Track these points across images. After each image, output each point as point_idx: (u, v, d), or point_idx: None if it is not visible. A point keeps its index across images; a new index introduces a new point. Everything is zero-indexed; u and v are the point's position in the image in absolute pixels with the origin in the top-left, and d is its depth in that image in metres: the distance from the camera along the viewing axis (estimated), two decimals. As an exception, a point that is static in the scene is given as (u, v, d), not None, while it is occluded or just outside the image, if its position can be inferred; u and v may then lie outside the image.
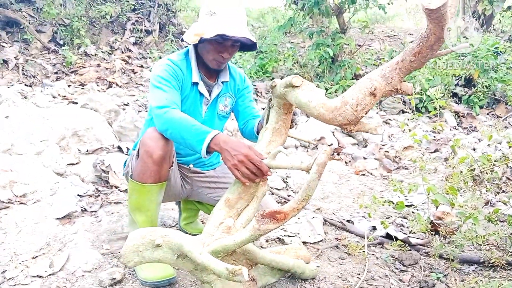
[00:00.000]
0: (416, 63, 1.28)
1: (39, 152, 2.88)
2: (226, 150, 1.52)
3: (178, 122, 1.62)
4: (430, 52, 1.25)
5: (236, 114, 2.12)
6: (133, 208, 1.86)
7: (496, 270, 1.92)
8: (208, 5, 1.79)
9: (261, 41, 7.44)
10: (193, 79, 1.87)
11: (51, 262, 1.91)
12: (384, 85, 1.33)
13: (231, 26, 1.72)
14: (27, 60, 5.66)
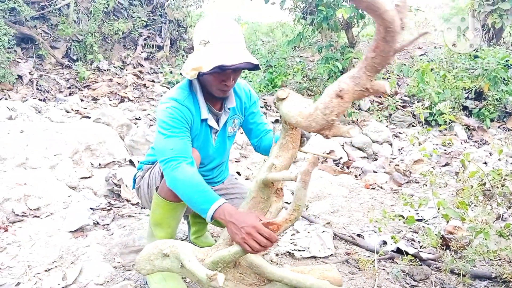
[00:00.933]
0: (378, 58, 1.22)
1: (53, 166, 2.94)
2: (232, 223, 1.48)
3: (183, 185, 1.60)
4: (387, 45, 1.18)
5: (247, 131, 2.10)
6: (155, 223, 1.87)
7: (508, 285, 1.90)
8: (201, 34, 1.67)
9: (270, 56, 7.52)
10: (203, 116, 1.81)
11: (64, 275, 1.94)
12: (353, 85, 1.31)
13: (228, 54, 1.61)
14: (41, 75, 5.79)
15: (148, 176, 1.96)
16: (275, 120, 5.53)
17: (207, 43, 1.64)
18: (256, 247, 1.43)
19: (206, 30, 1.65)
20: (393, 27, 1.14)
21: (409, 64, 6.77)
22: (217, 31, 1.64)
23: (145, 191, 1.98)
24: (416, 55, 8.26)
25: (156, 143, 1.75)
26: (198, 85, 1.81)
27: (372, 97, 6.66)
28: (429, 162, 4.49)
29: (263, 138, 2.06)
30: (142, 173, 2.02)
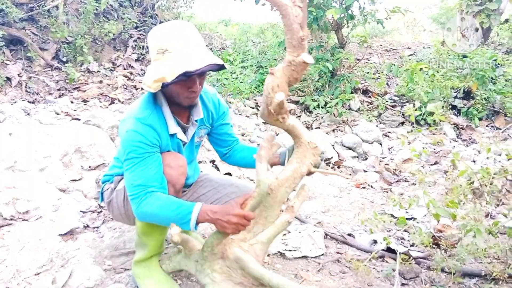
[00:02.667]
0: (289, 34, 1.47)
1: (42, 168, 2.91)
2: (218, 220, 1.55)
3: (156, 215, 1.60)
4: (291, 25, 1.46)
5: (215, 141, 2.07)
6: (144, 232, 1.82)
7: (497, 283, 1.93)
8: (156, 43, 1.58)
9: (261, 56, 7.52)
10: (171, 131, 1.74)
11: (53, 279, 1.92)
12: (281, 64, 1.52)
13: (190, 59, 1.54)
14: (30, 77, 5.73)
15: (123, 187, 1.85)
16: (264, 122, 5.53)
17: (165, 51, 1.56)
18: (242, 230, 1.57)
19: (161, 38, 1.57)
20: (286, 12, 1.43)
21: (398, 64, 6.82)
22: (174, 37, 1.56)
23: (120, 203, 1.88)
24: (405, 55, 8.32)
25: (124, 172, 1.69)
26: (163, 98, 1.72)
27: (362, 98, 6.70)
28: (419, 161, 4.52)
29: (234, 148, 2.06)
30: (113, 185, 1.91)
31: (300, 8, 1.44)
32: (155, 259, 1.91)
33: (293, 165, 1.73)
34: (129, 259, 2.14)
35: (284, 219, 1.67)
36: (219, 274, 1.62)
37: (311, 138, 1.75)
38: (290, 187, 1.71)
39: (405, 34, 12.97)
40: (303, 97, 6.20)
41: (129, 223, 2.00)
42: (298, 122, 1.73)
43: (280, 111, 1.54)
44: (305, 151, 1.73)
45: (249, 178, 3.63)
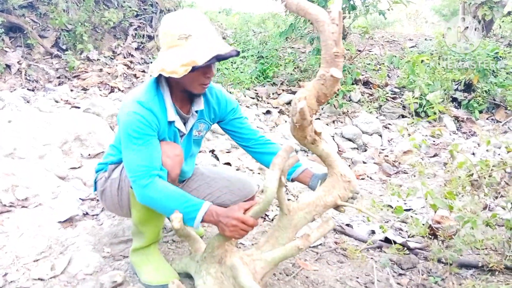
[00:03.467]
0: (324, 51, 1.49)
1: (42, 156, 2.91)
2: (220, 222, 1.56)
3: (160, 202, 1.58)
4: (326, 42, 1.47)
5: (235, 137, 2.03)
6: (141, 221, 1.81)
7: (494, 274, 1.94)
8: (177, 29, 1.58)
9: (262, 47, 7.48)
10: (169, 118, 1.72)
11: (52, 265, 1.93)
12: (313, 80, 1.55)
13: (216, 43, 1.58)
14: (30, 65, 5.70)
15: (118, 176, 1.83)
16: (267, 111, 5.52)
17: (189, 36, 1.56)
18: (243, 234, 1.56)
19: (184, 24, 1.57)
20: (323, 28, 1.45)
21: (400, 55, 6.79)
22: (197, 24, 1.58)
23: (114, 192, 1.85)
24: (406, 47, 8.28)
25: (123, 155, 1.67)
26: (165, 85, 1.72)
27: (363, 89, 6.68)
28: (418, 153, 4.53)
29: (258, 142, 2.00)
30: (107, 174, 1.89)
31: (337, 25, 1.45)
32: (153, 246, 1.91)
33: (318, 192, 1.69)
34: (128, 247, 2.14)
35: (295, 244, 1.60)
36: (212, 278, 1.61)
37: (345, 171, 1.70)
38: (310, 214, 1.66)
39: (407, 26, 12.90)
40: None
41: (121, 214, 1.97)
42: (333, 151, 1.70)
43: (303, 122, 1.51)
44: (336, 182, 1.69)
45: (248, 168, 3.64)
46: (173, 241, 2.29)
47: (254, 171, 3.57)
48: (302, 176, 1.90)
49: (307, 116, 1.49)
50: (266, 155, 1.98)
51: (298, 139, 1.61)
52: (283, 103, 5.90)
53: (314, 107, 1.53)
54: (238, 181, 2.08)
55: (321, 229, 1.70)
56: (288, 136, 4.72)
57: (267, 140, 2.01)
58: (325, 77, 1.48)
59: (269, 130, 4.91)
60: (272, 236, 1.69)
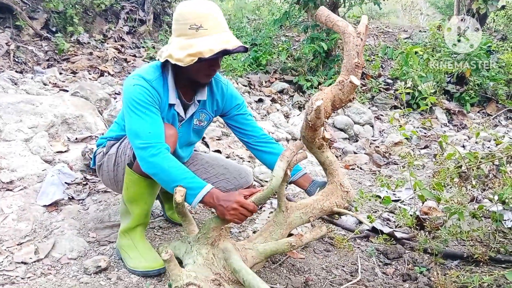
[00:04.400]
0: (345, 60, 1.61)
1: (28, 139, 2.86)
2: (220, 206, 1.57)
3: (167, 171, 1.58)
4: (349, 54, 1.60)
5: (238, 132, 2.03)
6: (130, 199, 1.82)
7: (478, 265, 1.95)
8: (189, 18, 1.59)
9: (255, 34, 7.42)
10: (170, 101, 1.75)
11: (36, 249, 1.91)
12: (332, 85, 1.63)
13: (224, 38, 1.60)
14: (18, 46, 5.58)
15: (115, 152, 1.88)
16: (259, 99, 5.49)
17: (200, 27, 1.58)
18: (242, 218, 1.59)
19: (196, 15, 1.58)
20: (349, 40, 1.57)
21: (394, 46, 6.77)
22: (209, 16, 1.59)
23: (110, 168, 1.90)
24: (401, 38, 8.26)
25: (128, 123, 1.66)
26: (171, 70, 1.74)
27: (356, 79, 6.66)
28: (409, 145, 4.54)
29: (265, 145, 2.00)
30: (105, 149, 1.94)
31: (361, 40, 1.57)
32: (140, 230, 1.89)
33: (317, 196, 1.77)
34: (113, 232, 2.12)
35: (288, 240, 1.65)
36: (203, 258, 1.61)
37: (344, 181, 1.79)
38: (306, 215, 1.72)
39: (402, 17, 12.87)
40: (297, 77, 6.15)
41: (116, 189, 2.01)
42: (336, 161, 1.78)
43: (316, 122, 1.56)
44: (335, 190, 1.77)
45: (238, 156, 3.62)
46: (160, 227, 2.27)
47: (244, 159, 3.55)
48: (301, 179, 1.95)
49: (321, 115, 1.54)
50: (267, 154, 2.00)
51: (307, 141, 1.67)
52: (276, 91, 5.87)
53: (328, 110, 1.61)
54: (235, 170, 2.09)
55: (314, 233, 1.79)
56: (280, 125, 4.70)
57: (270, 139, 2.03)
58: (344, 83, 1.57)
59: (261, 119, 4.88)
60: (266, 231, 1.73)
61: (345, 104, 1.64)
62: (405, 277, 1.86)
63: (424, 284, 1.78)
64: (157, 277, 1.78)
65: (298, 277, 1.82)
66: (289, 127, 4.66)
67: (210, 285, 1.50)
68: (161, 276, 1.79)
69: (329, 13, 1.65)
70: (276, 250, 1.67)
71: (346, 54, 1.59)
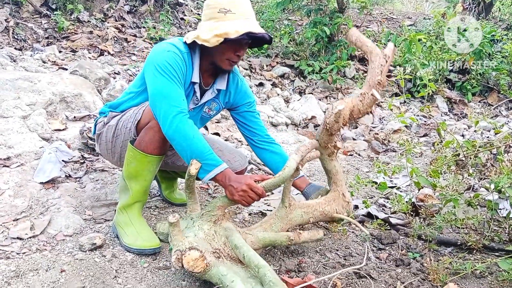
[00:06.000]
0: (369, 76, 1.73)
1: (26, 116, 2.85)
2: (231, 186, 1.63)
3: (191, 140, 1.61)
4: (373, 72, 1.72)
5: (243, 128, 2.07)
6: (130, 175, 1.84)
7: (472, 252, 1.96)
8: (219, 3, 1.68)
9: (258, 17, 7.33)
10: (193, 79, 1.80)
11: (32, 225, 1.92)
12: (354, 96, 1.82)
13: (251, 23, 1.67)
14: (18, 23, 5.52)
15: (115, 124, 1.89)
16: (259, 83, 5.45)
17: (228, 11, 1.65)
18: (250, 201, 1.65)
19: (227, 0, 1.66)
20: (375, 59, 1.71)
21: (397, 33, 6.69)
22: (238, 2, 1.68)
23: (108, 139, 1.92)
24: (405, 25, 8.17)
25: (156, 84, 1.67)
26: (198, 52, 1.79)
27: (358, 65, 6.61)
28: (408, 132, 4.53)
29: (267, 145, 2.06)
30: (106, 120, 1.96)
31: (387, 61, 1.69)
32: (137, 208, 1.90)
33: (320, 199, 1.88)
34: (109, 211, 2.13)
35: (287, 234, 1.72)
36: (204, 233, 1.62)
37: (346, 193, 1.94)
38: (307, 215, 1.82)
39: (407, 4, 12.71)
40: (298, 61, 6.10)
41: (112, 161, 2.04)
42: (341, 172, 1.90)
43: (333, 126, 1.66)
44: (337, 198, 1.90)
45: (237, 139, 3.61)
46: (156, 207, 2.28)
47: (242, 142, 3.55)
48: (298, 181, 2.03)
49: (340, 120, 1.64)
50: (268, 153, 2.06)
51: (320, 145, 1.77)
52: (277, 75, 5.83)
53: (346, 118, 1.69)
54: (230, 153, 2.11)
55: (311, 233, 1.85)
56: (279, 109, 4.68)
57: (272, 140, 2.09)
58: (365, 95, 1.68)
59: (261, 103, 4.86)
60: (267, 222, 1.79)
61: (363, 115, 1.75)
62: (398, 262, 1.87)
63: (417, 269, 1.80)
64: (152, 256, 1.79)
65: (292, 259, 1.83)
66: (289, 112, 4.64)
67: (211, 254, 1.52)
68: (156, 255, 1.80)
69: (359, 35, 1.79)
70: (275, 241, 1.72)
71: (370, 71, 1.70)
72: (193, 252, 1.45)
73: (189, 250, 1.45)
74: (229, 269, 1.48)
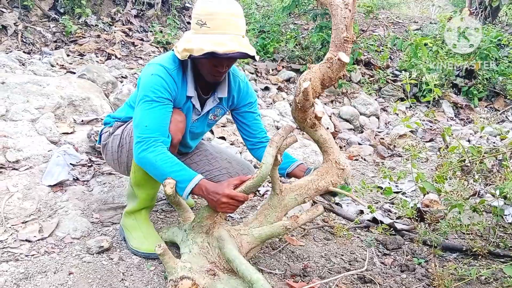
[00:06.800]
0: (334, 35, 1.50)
1: (34, 119, 2.89)
2: (210, 198, 1.57)
3: (154, 165, 1.59)
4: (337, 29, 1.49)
5: (242, 129, 2.04)
6: (137, 183, 1.84)
7: (477, 258, 1.96)
8: (200, 12, 1.60)
9: (264, 21, 7.36)
10: (188, 93, 1.76)
11: (40, 228, 1.94)
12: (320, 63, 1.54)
13: (223, 41, 1.55)
14: (26, 27, 5.59)
15: (120, 134, 1.91)
16: (265, 88, 5.47)
17: (204, 24, 1.58)
18: (234, 209, 1.59)
19: (206, 12, 1.58)
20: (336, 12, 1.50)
21: (403, 37, 6.69)
22: (217, 15, 1.56)
23: (114, 149, 1.93)
24: (411, 29, 8.17)
25: (135, 111, 1.70)
26: (190, 63, 1.76)
27: (364, 70, 6.61)
28: (414, 137, 4.53)
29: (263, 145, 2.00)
30: (111, 130, 1.97)
31: (350, 11, 1.48)
32: (144, 212, 1.92)
33: (311, 176, 1.71)
34: (117, 214, 2.15)
35: (283, 224, 1.64)
36: (198, 247, 1.63)
37: (340, 158, 1.72)
38: (301, 196, 1.68)
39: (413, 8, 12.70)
40: (304, 66, 6.12)
41: (119, 170, 2.04)
42: (331, 138, 1.71)
43: (305, 103, 1.51)
44: (330, 169, 1.71)
45: (242, 143, 3.63)
46: (163, 210, 2.30)
47: (248, 146, 3.56)
48: (297, 170, 1.92)
49: (310, 97, 1.50)
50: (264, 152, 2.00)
51: (298, 121, 1.61)
52: (283, 80, 5.85)
53: (318, 90, 1.54)
54: (238, 164, 2.10)
55: (310, 213, 1.74)
56: (285, 113, 4.70)
57: None
58: (332, 60, 1.49)
59: (267, 107, 4.88)
60: (261, 214, 1.72)
61: (336, 82, 1.57)
62: (403, 268, 1.88)
63: (422, 275, 1.80)
64: (158, 259, 1.81)
65: (297, 264, 1.84)
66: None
67: (205, 276, 1.52)
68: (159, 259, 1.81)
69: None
70: (272, 234, 1.66)
71: (334, 28, 1.49)
72: (185, 282, 1.46)
73: (181, 280, 1.46)
74: (226, 285, 1.50)
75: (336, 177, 1.71)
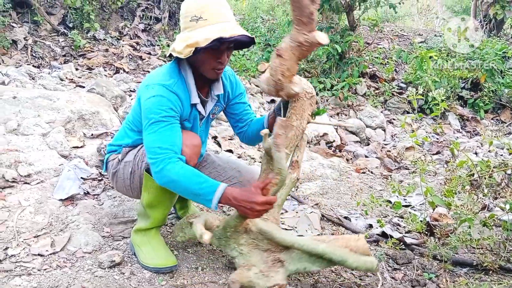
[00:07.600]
0: (297, 11, 1.36)
1: (45, 134, 2.92)
2: (241, 206, 1.54)
3: (177, 181, 1.58)
4: None
5: (233, 121, 2.07)
6: (150, 205, 1.84)
7: (488, 273, 1.95)
8: (190, 11, 1.62)
9: (269, 34, 7.44)
10: (193, 101, 1.77)
11: (52, 242, 1.96)
12: (288, 42, 1.45)
13: (223, 27, 1.58)
14: (36, 41, 5.69)
15: (132, 159, 1.87)
16: (271, 100, 5.51)
17: (199, 18, 1.60)
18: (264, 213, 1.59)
19: (196, 7, 1.61)
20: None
21: (408, 50, 6.74)
22: (209, 6, 1.60)
23: (126, 176, 1.89)
24: (415, 42, 8.21)
25: (144, 136, 1.69)
26: (188, 68, 1.75)
27: (369, 83, 6.65)
28: (421, 150, 4.53)
29: (249, 124, 2.04)
30: (120, 156, 1.92)
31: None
32: (155, 228, 1.94)
33: (295, 123, 1.70)
34: (127, 228, 2.17)
35: (293, 177, 1.74)
36: (245, 246, 1.67)
37: (307, 85, 1.71)
38: (294, 146, 1.75)
39: (418, 21, 12.77)
40: (310, 79, 6.16)
41: (131, 196, 2.02)
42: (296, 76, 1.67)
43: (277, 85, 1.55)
44: (303, 104, 1.69)
45: (250, 156, 3.65)
46: (172, 224, 2.31)
47: (256, 159, 3.58)
48: (271, 119, 1.89)
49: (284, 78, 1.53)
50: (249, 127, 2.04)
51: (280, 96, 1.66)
52: (288, 92, 5.88)
53: (294, 71, 1.53)
54: (248, 172, 2.10)
55: (302, 148, 1.79)
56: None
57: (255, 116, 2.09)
58: (308, 43, 1.40)
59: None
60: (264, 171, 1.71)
61: (310, 53, 1.55)
62: (414, 283, 1.87)
63: (433, 290, 1.79)
64: (169, 273, 1.82)
65: (308, 279, 1.84)
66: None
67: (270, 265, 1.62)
68: (173, 273, 1.83)
69: None
70: (288, 192, 1.79)
71: (296, 5, 1.35)
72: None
73: None
74: (296, 265, 1.62)
75: (310, 107, 1.73)
